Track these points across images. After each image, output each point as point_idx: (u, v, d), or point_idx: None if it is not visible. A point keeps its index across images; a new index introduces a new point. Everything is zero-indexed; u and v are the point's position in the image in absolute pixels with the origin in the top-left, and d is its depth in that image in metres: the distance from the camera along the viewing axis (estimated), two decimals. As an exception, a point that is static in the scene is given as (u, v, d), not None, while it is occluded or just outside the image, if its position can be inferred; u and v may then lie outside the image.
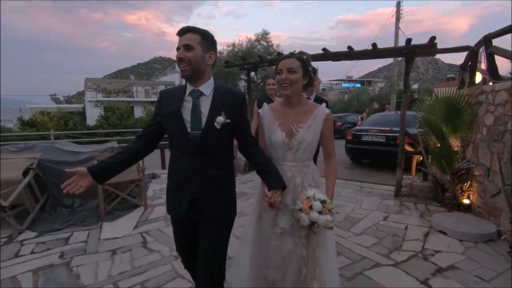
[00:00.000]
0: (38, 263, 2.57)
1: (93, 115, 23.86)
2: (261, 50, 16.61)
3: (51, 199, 3.81)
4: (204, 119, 1.36)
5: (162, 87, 32.35)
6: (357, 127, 7.85)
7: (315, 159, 2.18)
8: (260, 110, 1.68)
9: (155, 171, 6.12)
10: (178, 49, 1.35)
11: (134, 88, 33.94)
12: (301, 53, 1.59)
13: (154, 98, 29.30)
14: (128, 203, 4.01)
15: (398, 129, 4.61)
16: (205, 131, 1.35)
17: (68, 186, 1.32)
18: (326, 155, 1.65)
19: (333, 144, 1.63)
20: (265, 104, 1.70)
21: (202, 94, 1.40)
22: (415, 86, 27.77)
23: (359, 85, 41.50)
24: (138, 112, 24.58)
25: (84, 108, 30.74)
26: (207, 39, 1.39)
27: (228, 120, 1.36)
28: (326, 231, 1.48)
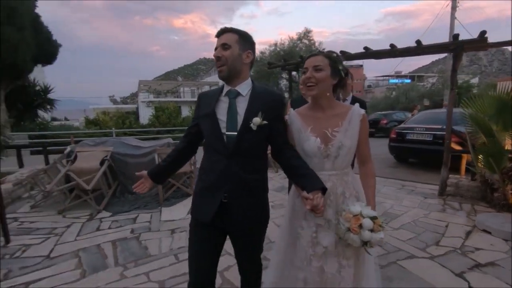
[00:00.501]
0: (115, 236, 3.15)
1: (145, 115, 25.97)
2: (303, 48, 16.62)
3: (120, 186, 4.50)
4: (240, 120, 1.33)
5: (207, 87, 33.87)
6: (401, 125, 7.61)
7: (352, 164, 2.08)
8: (286, 117, 1.52)
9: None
10: (216, 49, 1.35)
11: (182, 88, 36.05)
12: (331, 51, 1.47)
13: (199, 98, 30.89)
14: (181, 192, 4.54)
15: (460, 128, 4.46)
16: (241, 132, 1.31)
17: (138, 187, 1.53)
18: (362, 160, 1.50)
19: (369, 148, 1.50)
20: (291, 109, 1.55)
21: (239, 94, 1.37)
22: (474, 81, 25.27)
23: (409, 81, 38.95)
24: (185, 111, 26.12)
25: (137, 108, 33.54)
26: (244, 38, 1.37)
27: (265, 122, 1.31)
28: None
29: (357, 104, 1.47)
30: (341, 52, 5.28)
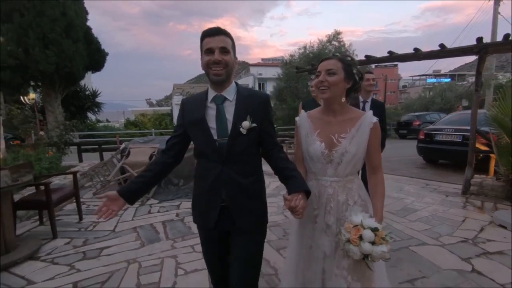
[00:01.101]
0: (163, 218, 3.75)
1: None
2: (333, 50, 16.69)
3: (164, 178, 5.16)
4: (229, 125, 1.32)
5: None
6: (430, 126, 7.61)
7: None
8: (296, 118, 1.54)
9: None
10: (208, 50, 1.28)
11: (213, 91, 37.29)
12: (345, 55, 1.48)
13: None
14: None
15: (486, 129, 4.53)
16: (231, 138, 1.31)
17: (100, 212, 1.27)
18: (372, 170, 1.45)
19: (380, 157, 1.47)
20: (302, 111, 1.56)
21: (225, 99, 1.35)
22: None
23: (448, 80, 36.94)
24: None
25: (171, 110, 35.32)
26: (234, 43, 1.36)
27: (254, 125, 1.31)
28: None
29: (370, 112, 1.43)
30: (366, 56, 5.56)
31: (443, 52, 4.58)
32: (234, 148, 1.31)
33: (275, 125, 1.52)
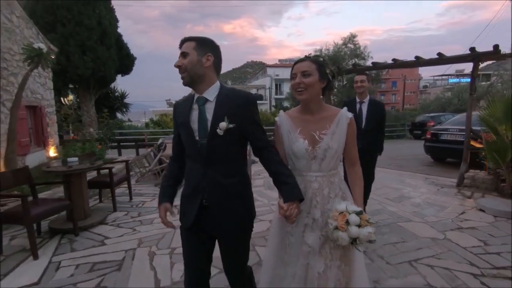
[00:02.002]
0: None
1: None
2: (348, 52, 17.15)
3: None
4: (209, 126, 1.34)
5: (254, 91, 35.63)
6: (436, 127, 8.07)
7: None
8: (276, 118, 1.59)
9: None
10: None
11: (230, 92, 38.27)
12: (317, 56, 1.52)
13: (247, 101, 32.69)
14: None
15: (478, 128, 4.98)
16: (210, 138, 1.33)
17: (168, 223, 1.49)
18: (350, 162, 1.56)
19: (357, 150, 1.55)
20: (281, 111, 1.61)
21: (207, 100, 1.38)
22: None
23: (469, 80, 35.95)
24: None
25: (191, 110, 36.60)
26: (202, 43, 1.37)
27: (231, 125, 1.31)
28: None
29: (345, 108, 1.53)
30: (373, 63, 6.18)
31: (441, 60, 5.15)
32: (214, 148, 1.34)
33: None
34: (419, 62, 5.40)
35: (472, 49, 4.84)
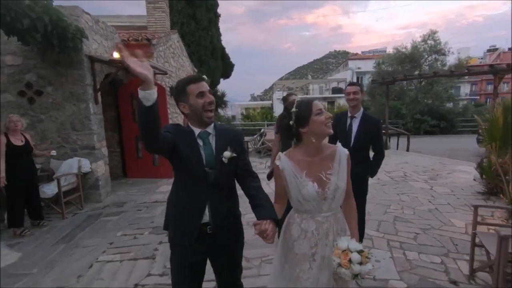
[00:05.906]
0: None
1: (280, 110, 31.21)
2: (427, 49, 17.17)
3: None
4: (214, 155, 1.50)
5: (334, 84, 36.61)
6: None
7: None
8: (277, 162, 1.51)
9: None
10: (201, 93, 1.44)
11: (311, 86, 40.07)
12: (290, 94, 1.44)
13: (327, 94, 34.21)
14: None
15: None
16: (217, 167, 1.48)
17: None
18: (347, 196, 1.55)
19: (351, 183, 1.55)
20: (281, 154, 1.53)
21: (209, 134, 1.53)
22: None
23: None
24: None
25: (272, 104, 39.69)
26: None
27: (234, 154, 1.49)
28: None
29: (339, 144, 1.58)
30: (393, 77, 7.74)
31: (469, 73, 6.64)
32: (219, 176, 1.49)
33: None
34: (452, 73, 6.95)
35: (491, 66, 6.26)
